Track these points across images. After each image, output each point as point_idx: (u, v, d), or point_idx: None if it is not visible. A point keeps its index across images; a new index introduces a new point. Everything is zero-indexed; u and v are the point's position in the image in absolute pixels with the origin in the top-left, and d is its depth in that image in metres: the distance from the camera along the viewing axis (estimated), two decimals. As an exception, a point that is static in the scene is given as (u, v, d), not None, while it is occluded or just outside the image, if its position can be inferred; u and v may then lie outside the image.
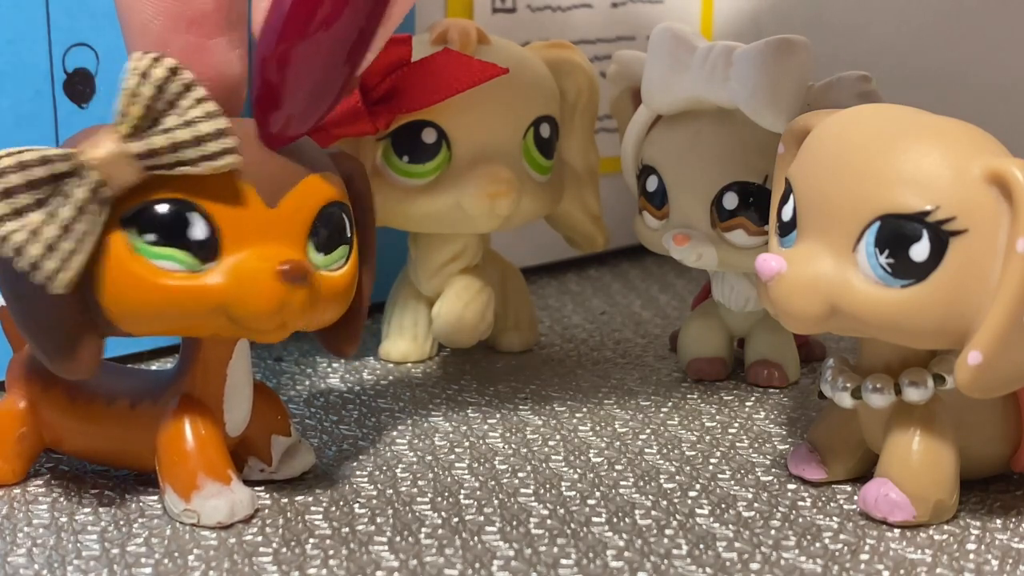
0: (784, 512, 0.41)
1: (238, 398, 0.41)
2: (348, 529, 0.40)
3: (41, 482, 0.43)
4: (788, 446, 0.46)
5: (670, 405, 0.50)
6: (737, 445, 0.46)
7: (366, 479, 0.43)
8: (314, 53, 0.38)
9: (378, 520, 0.40)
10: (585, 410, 0.49)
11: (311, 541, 0.39)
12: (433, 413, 0.49)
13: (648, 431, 0.47)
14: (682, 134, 0.49)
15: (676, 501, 0.42)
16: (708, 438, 0.47)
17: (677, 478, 0.43)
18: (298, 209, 0.39)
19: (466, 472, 0.44)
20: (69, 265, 0.36)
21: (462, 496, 0.42)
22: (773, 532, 0.40)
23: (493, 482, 0.43)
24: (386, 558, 0.38)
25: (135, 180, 0.37)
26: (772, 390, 0.51)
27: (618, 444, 0.46)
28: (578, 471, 0.44)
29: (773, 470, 0.44)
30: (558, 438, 0.47)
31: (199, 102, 0.37)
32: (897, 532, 0.40)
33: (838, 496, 0.42)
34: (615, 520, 0.41)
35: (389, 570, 0.38)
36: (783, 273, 0.39)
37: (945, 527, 0.40)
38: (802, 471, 0.43)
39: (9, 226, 0.36)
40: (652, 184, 0.50)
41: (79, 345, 0.38)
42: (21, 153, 0.36)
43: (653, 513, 0.41)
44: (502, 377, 0.53)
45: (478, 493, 0.42)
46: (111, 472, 0.43)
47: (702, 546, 0.39)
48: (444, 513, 0.41)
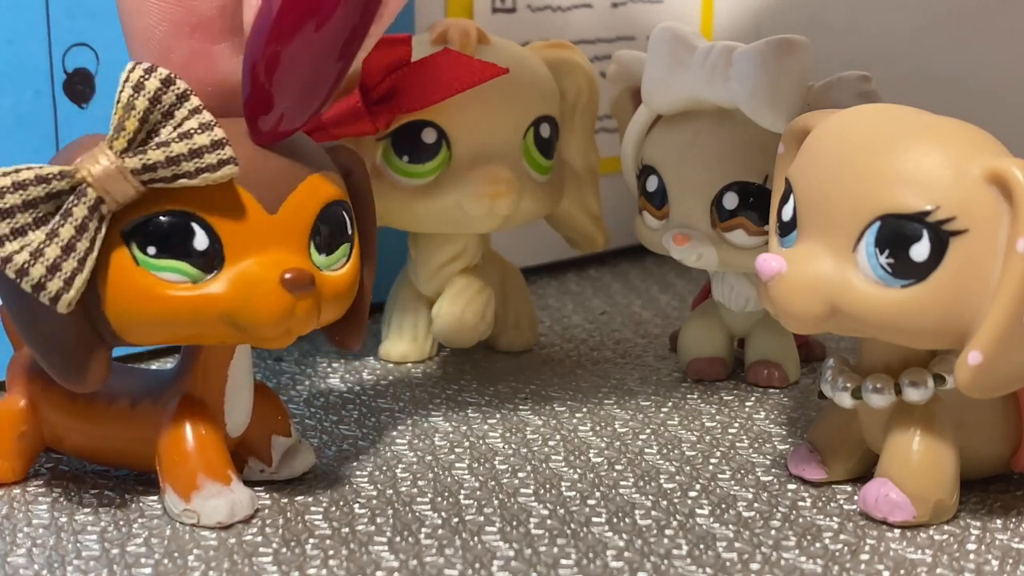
0: (784, 512, 0.41)
1: (239, 398, 0.41)
2: (348, 529, 0.40)
3: (41, 482, 0.43)
4: (788, 446, 0.46)
5: (670, 405, 0.50)
6: (737, 445, 0.46)
7: (366, 479, 0.43)
8: (305, 52, 0.37)
9: (378, 520, 0.40)
10: (585, 410, 0.49)
11: (311, 541, 0.39)
12: (433, 413, 0.49)
13: (648, 431, 0.47)
14: (682, 134, 0.49)
15: (676, 501, 0.42)
16: (708, 438, 0.47)
17: (677, 478, 0.43)
18: (298, 213, 0.39)
19: (466, 472, 0.44)
20: (72, 284, 0.36)
21: (462, 496, 0.42)
22: (773, 532, 0.40)
23: (493, 482, 0.43)
24: (386, 558, 0.38)
25: (134, 195, 0.37)
26: (772, 390, 0.51)
27: (618, 444, 0.46)
28: (578, 471, 0.44)
29: (773, 470, 0.44)
30: (558, 438, 0.47)
31: (193, 113, 0.37)
32: (897, 532, 0.40)
33: (838, 496, 0.42)
34: (615, 520, 0.41)
35: (389, 570, 0.38)
36: (783, 273, 0.39)
37: (945, 527, 0.40)
38: (802, 471, 0.43)
39: (9, 247, 0.36)
40: (652, 184, 0.50)
41: (87, 359, 0.38)
42: (18, 172, 0.36)
43: (653, 513, 0.41)
44: (502, 377, 0.53)
45: (478, 493, 0.42)
46: (111, 472, 0.43)
47: (702, 546, 0.39)
48: (444, 513, 0.41)
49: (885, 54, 0.67)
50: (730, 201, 0.49)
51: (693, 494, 0.42)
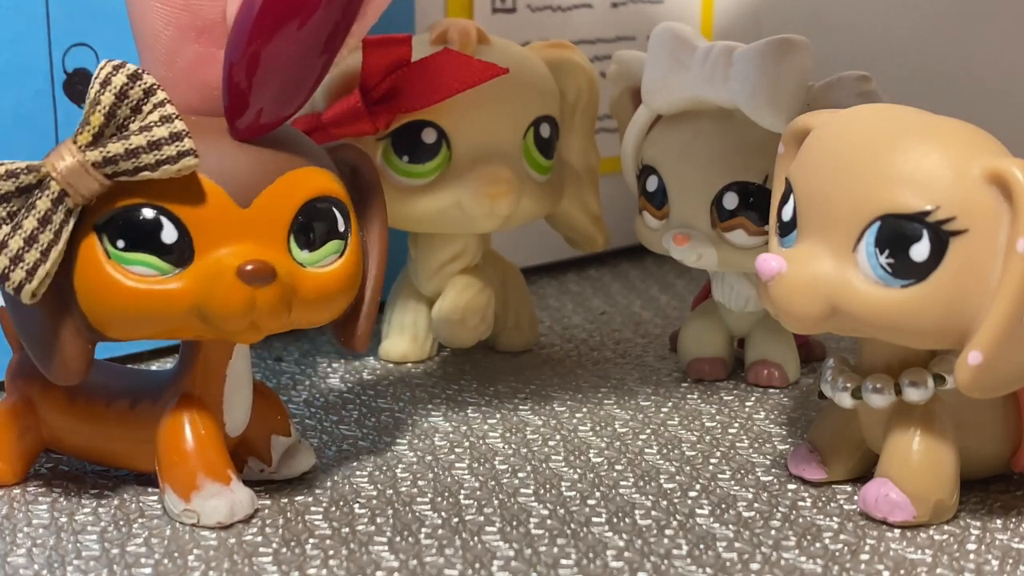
0: (784, 512, 0.41)
1: (238, 398, 0.41)
2: (348, 529, 0.40)
3: (41, 482, 0.43)
4: (788, 446, 0.46)
5: (670, 405, 0.50)
6: (737, 445, 0.46)
7: (366, 479, 0.43)
8: (286, 49, 0.38)
9: (378, 520, 0.40)
10: (585, 410, 0.49)
11: (311, 541, 0.39)
12: (433, 413, 0.49)
13: (648, 431, 0.47)
14: (682, 134, 0.49)
15: (676, 501, 0.42)
16: (708, 438, 0.47)
17: (677, 478, 0.43)
18: (274, 207, 0.38)
19: (466, 472, 0.44)
20: (35, 275, 0.37)
21: (462, 496, 0.42)
22: (773, 532, 0.40)
23: (493, 482, 0.43)
24: (386, 558, 0.38)
25: (99, 189, 0.37)
26: (772, 390, 0.51)
27: (618, 444, 0.46)
28: (578, 471, 0.44)
29: (773, 470, 0.44)
30: (558, 438, 0.47)
31: (157, 106, 0.37)
32: (897, 532, 0.40)
33: (838, 496, 0.42)
34: (615, 520, 0.41)
35: (389, 570, 0.38)
36: (783, 273, 0.39)
37: (945, 527, 0.40)
38: (802, 471, 0.43)
39: None
40: (652, 184, 0.50)
41: (66, 351, 0.38)
42: None
43: (653, 513, 0.41)
44: (502, 377, 0.53)
45: (478, 493, 0.42)
46: (111, 472, 0.43)
47: (702, 546, 0.39)
48: (444, 513, 0.41)
49: (885, 54, 0.67)
50: (730, 201, 0.49)
51: (693, 494, 0.42)
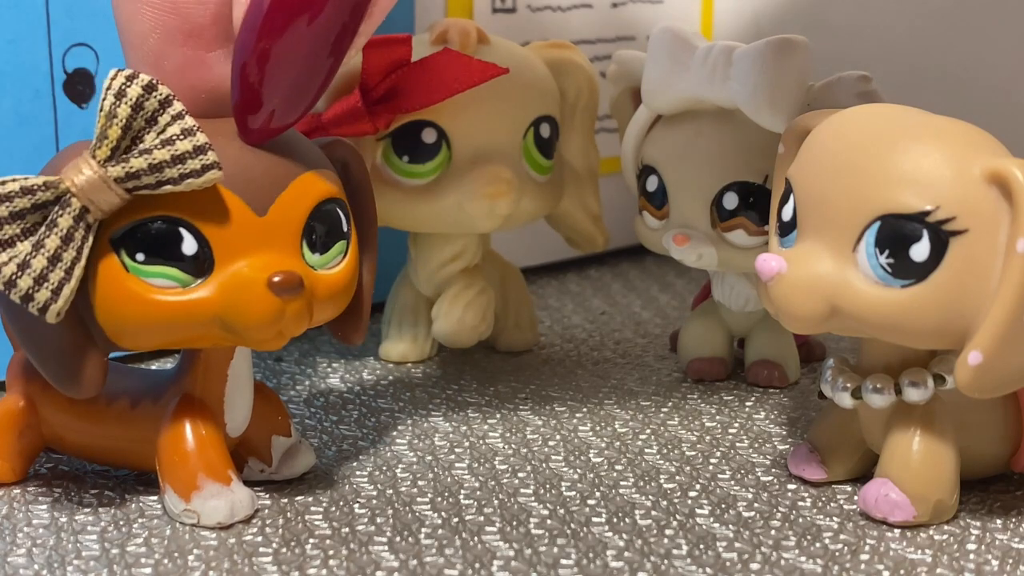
0: (784, 512, 0.41)
1: (239, 398, 0.41)
2: (348, 529, 0.40)
3: (41, 482, 0.43)
4: (788, 446, 0.46)
5: (670, 405, 0.50)
6: (737, 445, 0.46)
7: (366, 479, 0.43)
8: (295, 48, 0.37)
9: (378, 520, 0.40)
10: (585, 410, 0.49)
11: (311, 541, 0.39)
12: (433, 413, 0.49)
13: (648, 431, 0.47)
14: (682, 134, 0.49)
15: (676, 501, 0.42)
16: (708, 438, 0.47)
17: (677, 478, 0.43)
18: (289, 213, 0.38)
19: (466, 472, 0.44)
20: (60, 295, 0.36)
21: (462, 496, 0.42)
22: (773, 532, 0.40)
23: (493, 482, 0.43)
24: (386, 558, 0.38)
25: (119, 203, 0.37)
26: (772, 390, 0.51)
27: (618, 444, 0.46)
28: (578, 471, 0.44)
29: (773, 470, 0.44)
30: (558, 438, 0.47)
31: (176, 118, 0.37)
32: (897, 532, 0.40)
33: (838, 496, 0.42)
34: (615, 520, 0.41)
35: (389, 570, 0.38)
36: (783, 273, 0.39)
37: (945, 527, 0.40)
38: (802, 471, 0.43)
39: None
40: (652, 184, 0.50)
41: (83, 366, 0.38)
42: (3, 184, 0.36)
43: (653, 513, 0.41)
44: (502, 377, 0.53)
45: (478, 493, 0.42)
46: (111, 472, 0.43)
47: (702, 546, 0.39)
48: (444, 513, 0.41)
49: (885, 54, 0.67)
50: (730, 201, 0.49)
51: (693, 494, 0.42)
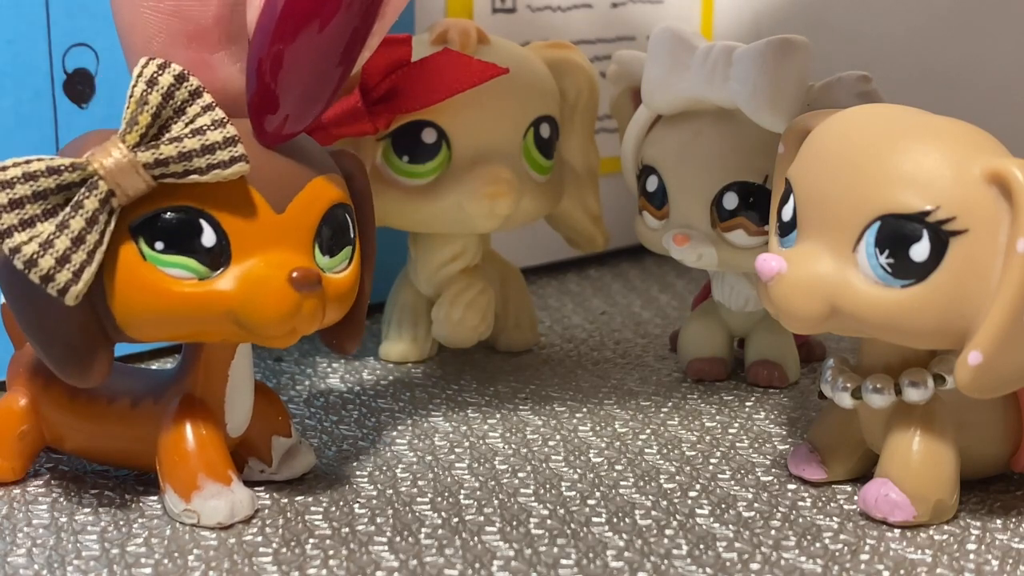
0: (784, 512, 0.41)
1: (239, 398, 0.41)
2: (348, 529, 0.40)
3: (41, 482, 0.43)
4: (788, 446, 0.46)
5: (670, 405, 0.50)
6: (737, 445, 0.46)
7: (366, 479, 0.43)
8: (308, 52, 0.38)
9: (378, 520, 0.40)
10: (585, 410, 0.49)
11: (311, 541, 0.39)
12: (433, 413, 0.49)
13: (648, 431, 0.47)
14: (682, 134, 0.49)
15: (676, 501, 0.42)
16: (708, 438, 0.47)
17: (677, 478, 0.43)
18: (304, 213, 0.39)
19: (466, 472, 0.44)
20: (81, 277, 0.36)
21: (462, 496, 0.42)
22: (773, 532, 0.40)
23: (493, 482, 0.43)
24: (386, 558, 0.38)
25: (144, 189, 0.37)
26: (772, 390, 0.51)
27: (618, 444, 0.46)
28: (578, 471, 0.44)
29: (773, 470, 0.44)
30: (558, 438, 0.47)
31: (206, 109, 0.37)
32: (897, 532, 0.40)
33: (838, 496, 0.42)
34: (615, 520, 0.41)
35: (389, 570, 0.38)
36: (783, 273, 0.39)
37: (945, 527, 0.40)
38: (802, 471, 0.43)
39: (18, 238, 0.36)
40: (652, 184, 0.50)
41: (90, 354, 0.38)
42: (28, 163, 0.36)
43: (653, 513, 0.41)
44: (502, 377, 0.53)
45: (478, 493, 0.42)
46: (111, 472, 0.43)
47: (702, 546, 0.39)
48: (444, 513, 0.41)
49: (885, 54, 0.67)
50: (730, 201, 0.49)
51: (693, 494, 0.42)
